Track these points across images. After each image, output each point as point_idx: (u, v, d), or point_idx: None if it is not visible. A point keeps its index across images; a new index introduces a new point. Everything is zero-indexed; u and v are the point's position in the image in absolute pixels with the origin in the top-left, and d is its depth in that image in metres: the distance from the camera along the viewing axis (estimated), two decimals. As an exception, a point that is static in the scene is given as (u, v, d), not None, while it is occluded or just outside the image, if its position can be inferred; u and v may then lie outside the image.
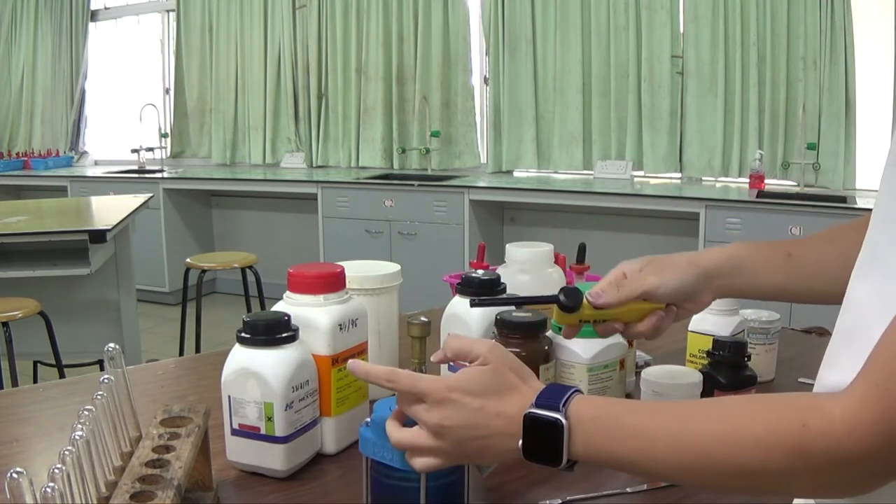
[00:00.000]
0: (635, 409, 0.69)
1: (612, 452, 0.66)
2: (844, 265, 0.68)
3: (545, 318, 0.99)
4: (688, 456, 0.62)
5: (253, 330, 0.89)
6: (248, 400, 0.88)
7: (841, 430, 0.55)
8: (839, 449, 0.55)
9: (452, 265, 4.20)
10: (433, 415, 0.71)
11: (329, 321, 0.93)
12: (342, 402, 0.96)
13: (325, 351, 0.93)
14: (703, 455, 0.61)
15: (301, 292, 0.95)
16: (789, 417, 0.58)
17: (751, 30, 3.99)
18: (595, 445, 0.66)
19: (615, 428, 0.66)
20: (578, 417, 0.67)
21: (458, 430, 0.70)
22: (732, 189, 4.08)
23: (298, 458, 0.92)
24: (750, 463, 0.59)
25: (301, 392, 0.90)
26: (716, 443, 0.61)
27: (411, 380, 0.73)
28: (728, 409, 0.64)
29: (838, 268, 0.79)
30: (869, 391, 0.55)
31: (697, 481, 0.65)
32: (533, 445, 0.68)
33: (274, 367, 0.87)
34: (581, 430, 0.66)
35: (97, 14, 6.06)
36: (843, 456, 0.55)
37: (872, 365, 0.56)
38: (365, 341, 1.00)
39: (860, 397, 0.55)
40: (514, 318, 0.97)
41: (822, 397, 0.59)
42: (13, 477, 0.51)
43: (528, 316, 0.97)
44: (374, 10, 4.95)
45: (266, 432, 0.88)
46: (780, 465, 0.57)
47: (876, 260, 0.60)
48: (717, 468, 0.61)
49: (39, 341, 2.77)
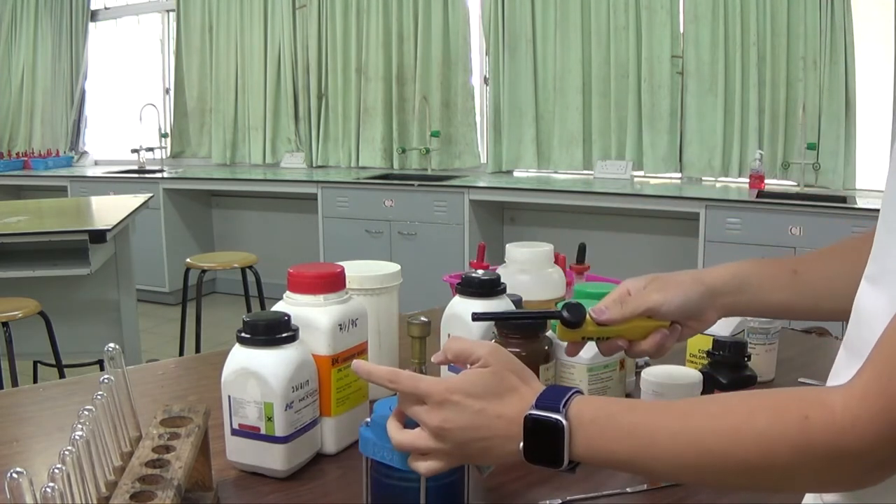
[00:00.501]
0: (634, 408, 0.69)
1: (613, 452, 0.66)
2: (853, 279, 0.67)
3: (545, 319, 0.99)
4: (689, 454, 0.62)
5: (253, 330, 0.89)
6: (249, 400, 0.88)
7: (843, 423, 0.55)
8: (841, 442, 0.55)
9: (452, 265, 4.20)
10: (434, 416, 0.71)
11: (329, 321, 0.93)
12: (342, 402, 0.96)
13: (326, 351, 0.93)
14: (704, 452, 0.61)
15: (301, 292, 0.95)
16: (790, 411, 0.58)
17: (751, 30, 3.99)
18: (596, 446, 0.66)
19: (615, 428, 0.66)
20: (579, 419, 0.67)
21: (459, 432, 0.70)
22: (732, 189, 4.08)
23: (298, 458, 0.92)
24: (752, 458, 0.59)
25: (301, 392, 0.90)
26: (717, 439, 0.61)
27: (412, 381, 0.73)
28: (728, 406, 0.63)
29: (847, 282, 0.77)
30: (871, 384, 0.55)
31: (699, 479, 0.65)
32: (534, 447, 0.68)
33: (274, 367, 0.87)
34: (581, 431, 0.66)
35: (97, 14, 6.06)
36: (845, 449, 0.55)
37: (875, 357, 0.55)
38: (365, 341, 1.00)
39: (862, 390, 0.55)
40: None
41: (823, 391, 0.58)
42: (13, 477, 0.51)
43: None
44: (374, 10, 4.95)
45: (266, 432, 0.88)
46: (783, 460, 0.57)
47: (884, 273, 0.60)
48: (718, 465, 0.61)
49: (39, 341, 2.77)
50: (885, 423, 0.53)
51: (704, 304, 0.88)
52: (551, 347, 0.98)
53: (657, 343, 0.88)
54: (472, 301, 1.06)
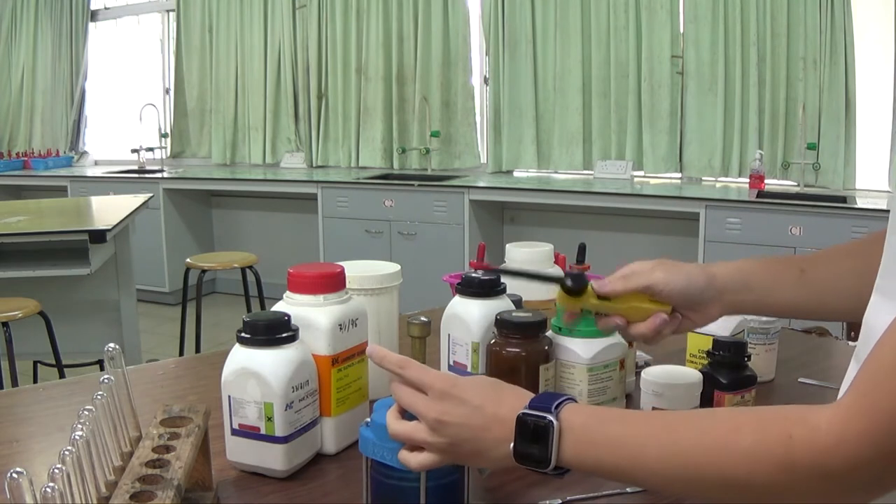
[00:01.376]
0: (624, 418, 0.70)
1: (600, 460, 0.66)
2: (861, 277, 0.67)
3: (545, 318, 0.99)
4: (676, 467, 0.62)
5: (253, 330, 0.89)
6: (249, 400, 0.88)
7: (827, 443, 0.54)
8: (826, 461, 0.54)
9: (452, 265, 4.20)
10: (433, 408, 0.72)
11: (329, 321, 0.93)
12: (342, 402, 0.96)
13: (326, 351, 0.93)
14: (691, 466, 0.61)
15: (301, 292, 0.95)
16: (776, 429, 0.57)
17: (751, 30, 3.99)
18: (583, 451, 0.67)
19: (604, 435, 0.67)
20: (569, 422, 0.67)
21: (455, 428, 0.71)
22: (732, 189, 4.08)
23: (298, 458, 0.92)
24: (737, 475, 0.58)
25: (301, 392, 0.90)
26: (704, 454, 0.61)
27: (421, 370, 0.75)
28: (716, 421, 0.63)
29: (854, 282, 0.78)
30: (855, 402, 0.54)
31: (685, 492, 0.65)
32: (523, 447, 0.68)
33: (274, 367, 0.87)
34: (571, 434, 0.67)
35: (97, 14, 6.06)
36: (829, 468, 0.54)
37: (860, 377, 0.55)
38: (365, 341, 0.99)
39: (846, 409, 0.55)
40: (515, 318, 0.97)
41: (809, 409, 0.58)
42: (13, 477, 0.51)
43: (528, 316, 0.97)
44: (374, 10, 4.95)
45: (266, 432, 0.88)
46: (767, 478, 0.57)
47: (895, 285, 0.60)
48: (705, 480, 0.61)
49: (39, 341, 2.77)
50: (869, 442, 0.52)
51: (708, 296, 0.87)
52: (551, 347, 0.98)
53: (655, 327, 0.87)
54: (472, 301, 1.06)
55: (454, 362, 1.08)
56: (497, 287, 1.06)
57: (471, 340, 1.05)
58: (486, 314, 1.04)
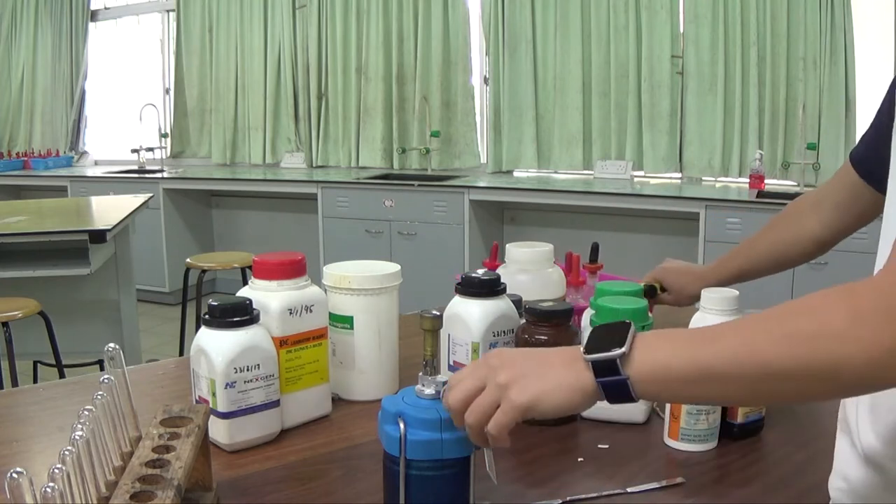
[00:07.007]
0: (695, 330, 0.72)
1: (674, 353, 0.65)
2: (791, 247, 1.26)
3: (572, 307, 1.00)
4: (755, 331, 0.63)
5: (211, 312, 0.96)
6: (201, 375, 0.96)
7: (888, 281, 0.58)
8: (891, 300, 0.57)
9: (452, 265, 4.20)
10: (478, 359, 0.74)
11: (279, 305, 1.00)
12: (292, 381, 1.02)
13: (275, 332, 0.99)
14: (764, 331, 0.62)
15: (261, 278, 1.02)
16: (838, 287, 0.60)
17: (751, 30, 3.99)
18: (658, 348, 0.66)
19: (676, 333, 0.68)
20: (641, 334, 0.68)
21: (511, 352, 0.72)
22: (732, 189, 4.07)
23: (244, 436, 0.96)
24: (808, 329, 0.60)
25: (248, 374, 0.95)
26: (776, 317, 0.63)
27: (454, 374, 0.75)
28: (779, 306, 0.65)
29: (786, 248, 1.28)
30: None
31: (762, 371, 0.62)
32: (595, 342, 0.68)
33: (218, 347, 0.94)
34: (642, 339, 0.67)
35: (97, 14, 6.06)
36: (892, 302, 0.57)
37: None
38: (322, 328, 1.04)
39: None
40: (543, 307, 0.98)
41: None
42: (13, 477, 0.51)
43: (556, 304, 0.98)
44: (374, 10, 4.95)
45: (213, 406, 0.95)
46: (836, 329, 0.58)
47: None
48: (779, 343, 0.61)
49: (39, 341, 2.77)
50: None
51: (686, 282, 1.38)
52: (578, 336, 0.99)
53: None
54: (472, 301, 1.06)
55: (454, 362, 1.08)
56: (497, 287, 1.06)
57: (471, 340, 1.05)
58: (486, 314, 1.04)
